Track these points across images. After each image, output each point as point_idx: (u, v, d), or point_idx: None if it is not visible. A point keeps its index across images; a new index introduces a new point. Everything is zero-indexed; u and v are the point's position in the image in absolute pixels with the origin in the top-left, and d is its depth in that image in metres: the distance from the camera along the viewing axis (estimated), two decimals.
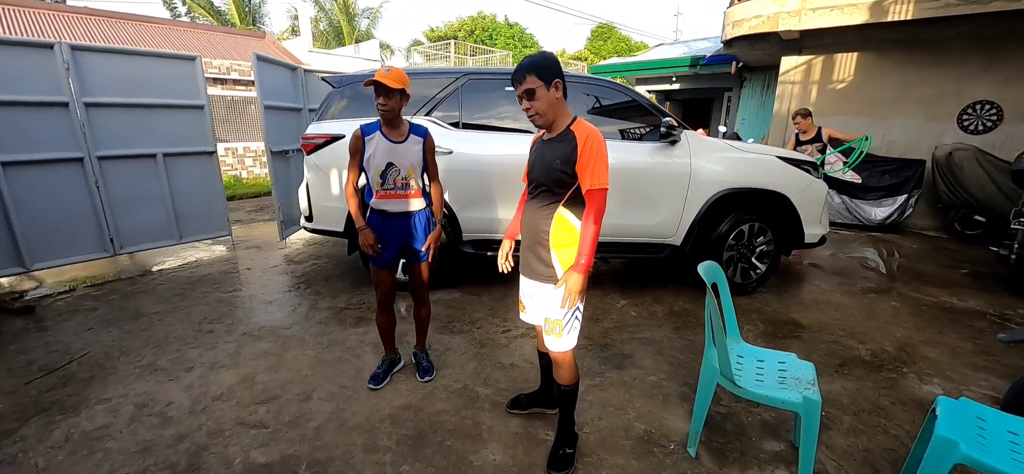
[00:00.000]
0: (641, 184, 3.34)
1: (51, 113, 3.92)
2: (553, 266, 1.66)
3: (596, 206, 1.56)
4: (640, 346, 2.83)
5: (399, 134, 2.12)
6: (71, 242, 4.15)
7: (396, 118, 2.09)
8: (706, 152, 3.37)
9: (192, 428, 2.07)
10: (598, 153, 1.55)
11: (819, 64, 6.97)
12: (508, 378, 2.46)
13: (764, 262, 3.60)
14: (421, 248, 2.24)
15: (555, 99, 1.58)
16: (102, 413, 2.20)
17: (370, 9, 22.56)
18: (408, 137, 2.14)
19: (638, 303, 3.51)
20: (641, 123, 3.46)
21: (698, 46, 12.10)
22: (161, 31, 12.31)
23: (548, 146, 1.66)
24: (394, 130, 2.11)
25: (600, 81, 3.54)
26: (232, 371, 2.55)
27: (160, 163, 4.59)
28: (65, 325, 3.18)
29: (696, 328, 3.08)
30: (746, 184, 3.36)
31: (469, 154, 3.41)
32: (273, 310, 3.38)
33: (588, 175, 1.55)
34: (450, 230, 3.50)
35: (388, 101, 2.01)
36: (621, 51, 26.05)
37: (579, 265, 1.57)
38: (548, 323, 1.70)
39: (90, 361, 2.69)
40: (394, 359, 2.50)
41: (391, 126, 2.10)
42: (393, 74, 1.97)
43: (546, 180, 1.63)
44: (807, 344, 2.89)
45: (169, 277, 4.17)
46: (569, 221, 1.63)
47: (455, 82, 3.51)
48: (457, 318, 3.20)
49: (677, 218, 3.39)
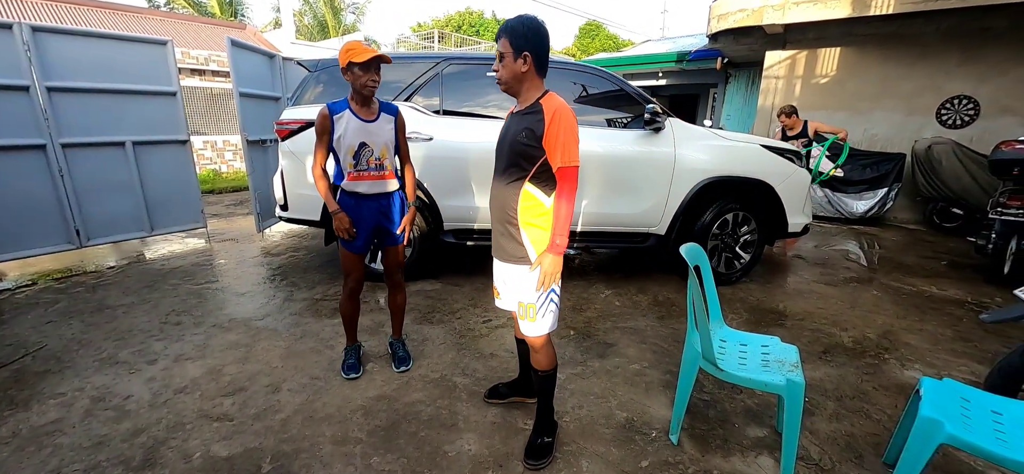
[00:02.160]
0: (625, 172, 3.29)
1: (10, 97, 3.72)
2: (524, 246, 1.59)
3: (567, 184, 1.48)
4: (623, 335, 2.77)
5: (370, 113, 2.04)
6: (33, 233, 3.95)
7: (373, 96, 2.01)
8: (691, 140, 3.33)
9: (151, 422, 1.96)
10: (567, 129, 1.46)
11: (803, 59, 7.02)
12: (487, 368, 2.38)
13: (748, 251, 3.58)
14: (396, 231, 2.16)
15: (520, 71, 1.50)
16: (55, 408, 2.07)
17: (356, 4, 22.25)
18: (379, 116, 2.06)
19: (622, 293, 3.46)
20: (626, 110, 3.41)
21: (684, 42, 12.15)
22: (137, 19, 11.93)
23: (516, 119, 1.58)
24: (365, 108, 2.02)
25: (585, 67, 3.48)
26: (198, 363, 2.43)
27: (129, 152, 4.40)
28: (23, 318, 3.01)
29: (680, 318, 3.04)
30: (730, 172, 3.33)
31: (450, 141, 3.32)
32: (245, 302, 3.25)
33: (558, 152, 1.47)
34: (431, 219, 3.41)
35: (378, 77, 1.94)
36: (609, 48, 26.10)
37: (554, 246, 1.51)
38: (522, 307, 1.64)
39: (46, 354, 2.54)
40: (358, 347, 2.41)
41: (364, 105, 2.01)
42: (368, 48, 1.90)
43: (512, 153, 1.55)
44: (790, 332, 2.87)
45: (138, 270, 4.00)
46: (536, 197, 1.55)
47: (435, 67, 3.42)
48: (437, 308, 3.12)
49: (661, 207, 3.35)
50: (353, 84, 1.94)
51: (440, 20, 28.83)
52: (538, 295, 1.58)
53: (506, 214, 1.60)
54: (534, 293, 1.58)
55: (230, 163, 11.01)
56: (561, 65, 3.47)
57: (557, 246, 1.50)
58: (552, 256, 1.50)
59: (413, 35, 22.64)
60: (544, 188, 1.55)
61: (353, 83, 1.94)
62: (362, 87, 1.93)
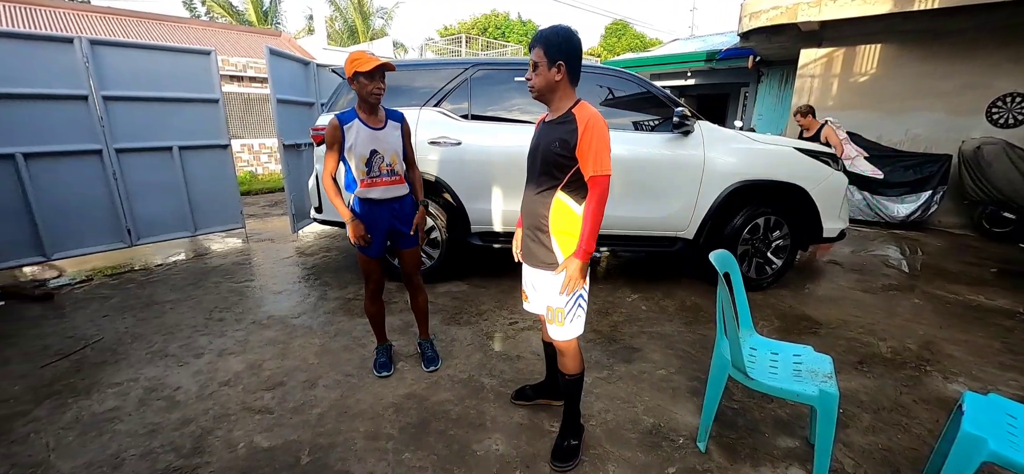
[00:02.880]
0: (652, 175, 3.27)
1: (71, 106, 4.01)
2: (554, 252, 1.61)
3: (598, 192, 1.50)
4: (650, 340, 2.76)
5: (378, 120, 2.09)
6: (90, 232, 4.24)
7: (380, 104, 2.09)
8: (720, 143, 3.28)
9: (198, 412, 2.08)
10: (599, 138, 1.48)
11: (840, 57, 6.77)
12: (514, 369, 2.42)
13: (780, 257, 3.50)
14: (406, 233, 2.23)
15: (554, 80, 1.53)
16: (112, 396, 2.23)
17: (384, 9, 22.76)
18: (387, 123, 2.11)
19: (648, 297, 3.44)
20: (654, 113, 3.39)
21: (714, 41, 11.89)
22: (181, 29, 12.56)
23: (548, 128, 1.60)
24: (373, 116, 2.08)
25: (612, 70, 3.48)
26: (240, 358, 2.56)
27: (176, 156, 4.66)
28: (81, 312, 3.24)
29: (708, 323, 3.00)
30: (762, 176, 3.27)
31: (478, 145, 3.38)
32: (282, 300, 3.40)
33: (590, 161, 1.49)
34: (446, 219, 3.47)
35: (383, 85, 2.01)
36: (635, 48, 25.76)
37: (579, 251, 1.52)
38: (550, 311, 1.67)
39: (103, 346, 2.73)
40: (388, 346, 2.49)
41: (371, 113, 2.08)
42: (374, 57, 1.97)
43: (545, 163, 1.58)
44: (824, 340, 2.80)
45: (183, 268, 4.23)
46: (568, 206, 1.57)
47: (464, 73, 3.49)
48: (464, 309, 3.18)
49: (690, 211, 3.31)
50: (359, 93, 2.00)
51: (466, 23, 29.11)
52: (567, 300, 1.61)
53: (537, 221, 1.63)
54: (563, 298, 1.60)
55: (265, 165, 11.45)
56: (588, 69, 3.47)
57: (582, 251, 1.52)
58: (578, 261, 1.52)
59: (440, 39, 22.96)
60: (575, 197, 1.57)
61: (359, 92, 2.00)
62: (368, 95, 1.99)
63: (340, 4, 21.47)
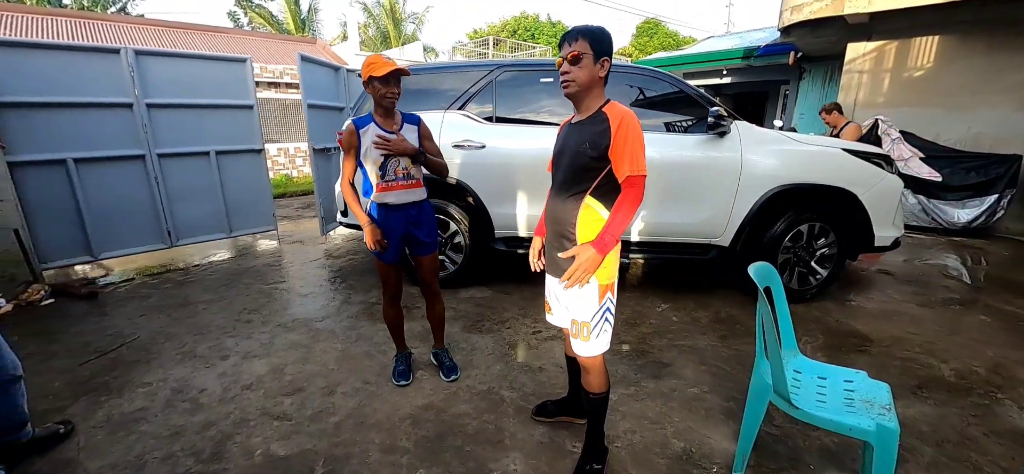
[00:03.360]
0: (686, 179, 3.10)
1: (117, 113, 4.21)
2: None
3: (634, 193, 1.40)
4: (681, 354, 2.60)
5: (393, 124, 2.06)
6: (133, 233, 4.44)
7: (395, 108, 2.05)
8: (760, 144, 3.08)
9: (220, 416, 2.10)
10: (634, 137, 1.39)
11: (892, 50, 6.31)
12: (536, 382, 2.33)
13: (825, 267, 3.25)
14: (424, 240, 2.19)
15: (598, 76, 1.45)
16: (142, 396, 2.28)
17: (416, 14, 23.14)
18: (403, 126, 2.07)
19: (680, 307, 3.26)
20: (687, 114, 3.22)
21: (752, 37, 11.40)
22: (222, 39, 13.15)
23: (577, 129, 1.51)
24: (389, 120, 2.05)
25: (642, 69, 3.33)
26: (264, 361, 2.58)
27: (213, 160, 4.83)
28: (121, 310, 3.38)
29: (744, 337, 2.81)
30: (806, 179, 3.04)
31: (503, 148, 3.31)
32: (308, 303, 3.43)
33: (625, 161, 1.39)
34: (468, 223, 3.41)
35: (398, 89, 1.98)
36: (668, 47, 25.14)
37: (600, 241, 1.40)
38: (575, 325, 1.56)
39: (138, 345, 2.82)
40: (408, 354, 2.45)
41: (386, 116, 2.04)
42: (389, 61, 1.93)
43: (573, 166, 1.49)
44: (877, 360, 2.56)
45: (217, 268, 4.36)
46: (598, 212, 1.47)
47: (489, 75, 3.42)
48: (486, 317, 3.11)
49: (725, 216, 3.12)
50: (374, 97, 1.97)
51: (496, 26, 29.23)
52: (593, 312, 1.51)
53: (564, 229, 1.53)
54: (589, 311, 1.51)
55: (300, 168, 11.82)
56: (618, 68, 3.34)
57: (603, 243, 1.40)
58: (593, 251, 1.40)
59: (470, 42, 23.14)
60: (606, 202, 1.47)
61: (374, 96, 1.97)
62: (382, 100, 1.96)
63: (373, 11, 22.00)
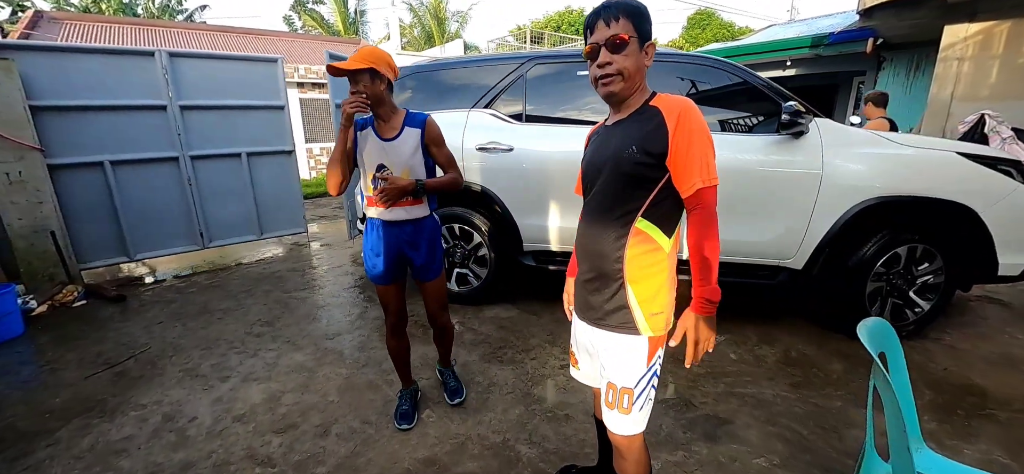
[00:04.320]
0: (748, 189, 2.59)
1: (152, 115, 4.21)
2: (629, 306, 1.13)
3: (707, 213, 1.05)
4: (742, 407, 2.12)
5: (390, 129, 1.73)
6: (167, 234, 4.46)
7: (383, 109, 1.70)
8: (847, 148, 2.51)
9: (202, 455, 1.87)
10: (701, 134, 1.03)
11: (1002, 33, 5.32)
12: (559, 436, 1.94)
13: (928, 298, 2.62)
14: (425, 264, 1.86)
15: (645, 65, 1.10)
16: (132, 422, 2.11)
17: (459, 12, 23.14)
18: (403, 131, 1.73)
19: (739, 341, 2.75)
20: (752, 110, 2.71)
21: (821, 24, 10.31)
22: (271, 41, 13.61)
23: (617, 132, 1.14)
24: (386, 124, 1.73)
25: (695, 57, 2.84)
26: (262, 386, 2.36)
27: (244, 162, 4.78)
28: (142, 316, 3.32)
29: (824, 388, 2.27)
30: (908, 191, 2.44)
31: (532, 151, 2.94)
32: (321, 317, 3.22)
33: (694, 168, 1.03)
34: (488, 229, 3.06)
35: (370, 89, 1.61)
36: (722, 39, 23.62)
37: (702, 302, 1.06)
38: (613, 392, 1.17)
39: (146, 358, 2.70)
40: (414, 390, 2.17)
41: (380, 119, 1.73)
42: (360, 53, 1.59)
43: (616, 179, 1.11)
44: (1013, 433, 1.96)
45: (243, 272, 4.29)
46: (655, 240, 1.11)
47: (518, 68, 3.05)
48: (509, 343, 2.75)
49: (799, 234, 2.58)
50: None
51: (540, 22, 28.75)
52: (638, 377, 1.14)
53: (603, 265, 1.16)
54: (634, 376, 1.14)
55: None
56: (663, 56, 2.87)
57: (708, 302, 1.06)
58: (702, 319, 1.08)
59: (512, 39, 22.85)
60: (663, 224, 1.11)
61: None
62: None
63: (418, 10, 22.22)
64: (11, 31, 10.59)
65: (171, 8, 18.75)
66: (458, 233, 3.17)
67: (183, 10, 19.61)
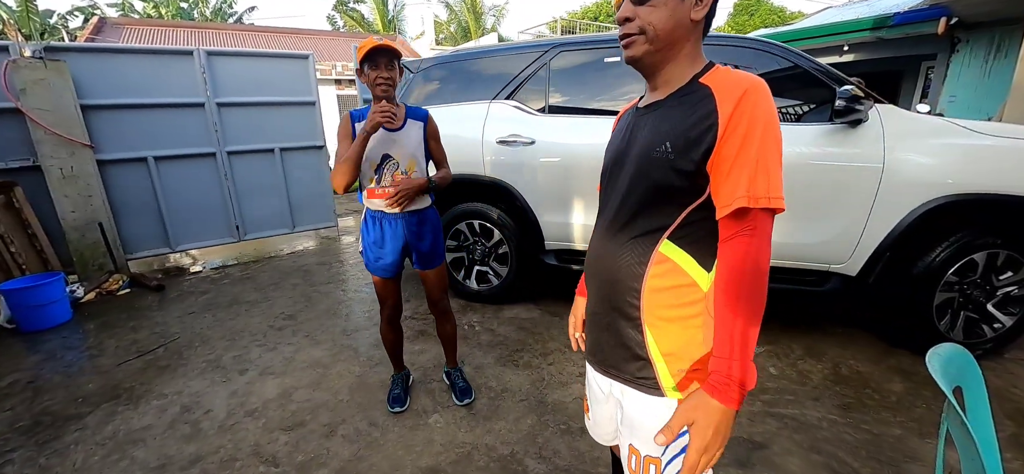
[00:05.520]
0: (799, 183, 2.32)
1: (191, 113, 4.38)
2: (650, 360, 0.86)
3: (759, 241, 0.74)
4: (781, 430, 1.89)
5: (394, 119, 1.69)
6: (205, 228, 4.63)
7: (392, 98, 1.70)
8: (914, 137, 2.19)
9: (211, 450, 1.87)
10: (767, 130, 0.73)
11: None
12: (572, 452, 1.79)
13: (1011, 313, 2.27)
14: (428, 253, 1.89)
15: (689, 19, 0.79)
16: (154, 410, 2.16)
17: (496, 6, 23.04)
18: (406, 122, 1.75)
19: (781, 353, 2.49)
20: (803, 96, 2.44)
21: (884, 4, 9.44)
22: (311, 40, 14.05)
23: (650, 117, 0.86)
24: None
25: (738, 39, 2.59)
26: (277, 381, 2.36)
27: (277, 157, 4.89)
28: (179, 305, 3.45)
29: (879, 412, 2.00)
30: (989, 189, 2.10)
31: (556, 144, 2.79)
32: (341, 312, 3.21)
33: (742, 174, 0.73)
34: (511, 226, 2.93)
35: (389, 74, 1.63)
36: (772, 25, 22.25)
37: (723, 385, 0.74)
38: (635, 459, 0.89)
39: (175, 348, 2.78)
40: (406, 374, 2.22)
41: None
42: (374, 42, 1.60)
43: (639, 184, 0.84)
44: None
45: (274, 265, 4.39)
46: (685, 271, 0.82)
47: (542, 56, 2.90)
48: (527, 345, 2.62)
49: (855, 236, 2.29)
50: (368, 86, 1.65)
51: (577, 13, 28.21)
52: (664, 448, 0.83)
53: (618, 295, 0.88)
54: (660, 446, 0.81)
55: None
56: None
57: (733, 382, 0.73)
58: (721, 408, 0.74)
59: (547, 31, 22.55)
60: (699, 252, 0.82)
61: (367, 85, 1.65)
62: (373, 87, 1.64)
63: (454, 7, 22.32)
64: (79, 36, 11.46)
65: (223, 11, 19.75)
66: (478, 230, 3.07)
67: (234, 13, 20.64)
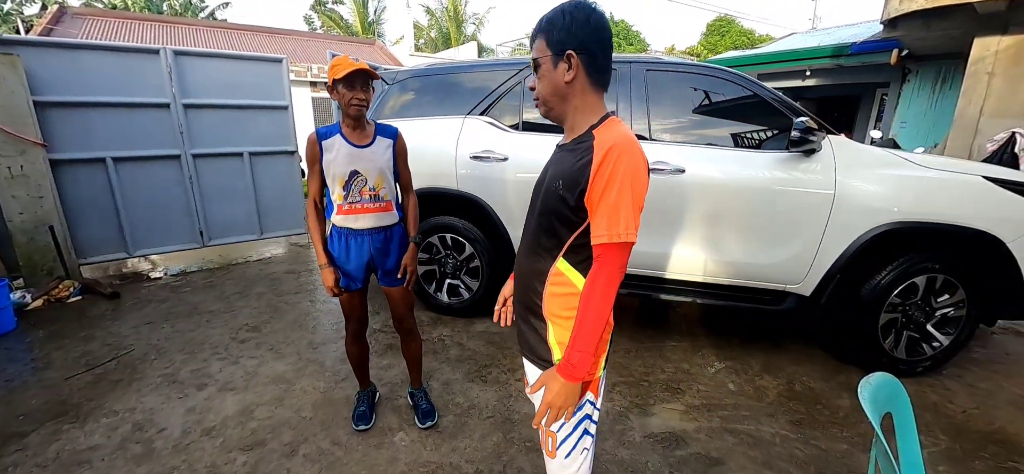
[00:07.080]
0: (756, 207, 2.44)
1: (155, 113, 4.21)
2: (548, 345, 1.06)
3: (608, 270, 0.92)
4: (737, 446, 1.97)
5: (363, 136, 1.74)
6: (167, 232, 4.45)
7: (364, 117, 1.72)
8: (862, 167, 2.34)
9: (164, 471, 1.80)
10: (626, 180, 0.90)
11: None
12: (536, 469, 1.82)
13: (948, 332, 2.43)
14: (393, 269, 1.87)
15: (563, 83, 0.97)
16: (103, 429, 2.06)
17: (477, 15, 23.18)
18: (374, 139, 1.75)
19: (740, 369, 2.59)
20: (761, 123, 2.56)
21: (842, 34, 10.00)
22: (288, 40, 13.75)
23: (558, 156, 1.06)
24: (358, 131, 1.73)
25: (701, 67, 2.70)
26: (237, 397, 2.29)
27: (246, 161, 4.76)
28: (135, 314, 3.30)
29: (829, 428, 2.10)
30: (929, 217, 2.25)
31: (529, 161, 2.82)
32: (308, 323, 3.15)
33: (602, 215, 0.91)
34: (482, 238, 2.95)
35: (364, 95, 1.64)
36: (741, 46, 23.15)
37: (568, 364, 0.95)
38: (541, 431, 1.10)
39: (128, 360, 2.66)
40: (372, 391, 2.21)
41: (356, 127, 1.73)
42: (348, 61, 1.61)
43: (544, 210, 1.03)
44: None
45: (239, 272, 4.26)
46: (574, 284, 1.00)
47: (516, 75, 2.95)
48: (496, 361, 2.63)
49: (808, 258, 2.41)
50: (339, 104, 1.66)
51: None
52: (560, 423, 1.03)
53: (527, 297, 1.09)
54: (528, 396, 1.11)
55: None
56: (668, 67, 2.74)
57: (573, 365, 0.94)
58: (562, 381, 0.95)
59: (528, 42, 22.84)
60: (583, 268, 1.00)
61: (339, 103, 1.65)
62: (347, 107, 1.64)
63: (436, 12, 22.31)
64: (36, 25, 10.88)
65: (194, 6, 19.13)
66: (450, 243, 3.07)
67: (205, 8, 20.01)
